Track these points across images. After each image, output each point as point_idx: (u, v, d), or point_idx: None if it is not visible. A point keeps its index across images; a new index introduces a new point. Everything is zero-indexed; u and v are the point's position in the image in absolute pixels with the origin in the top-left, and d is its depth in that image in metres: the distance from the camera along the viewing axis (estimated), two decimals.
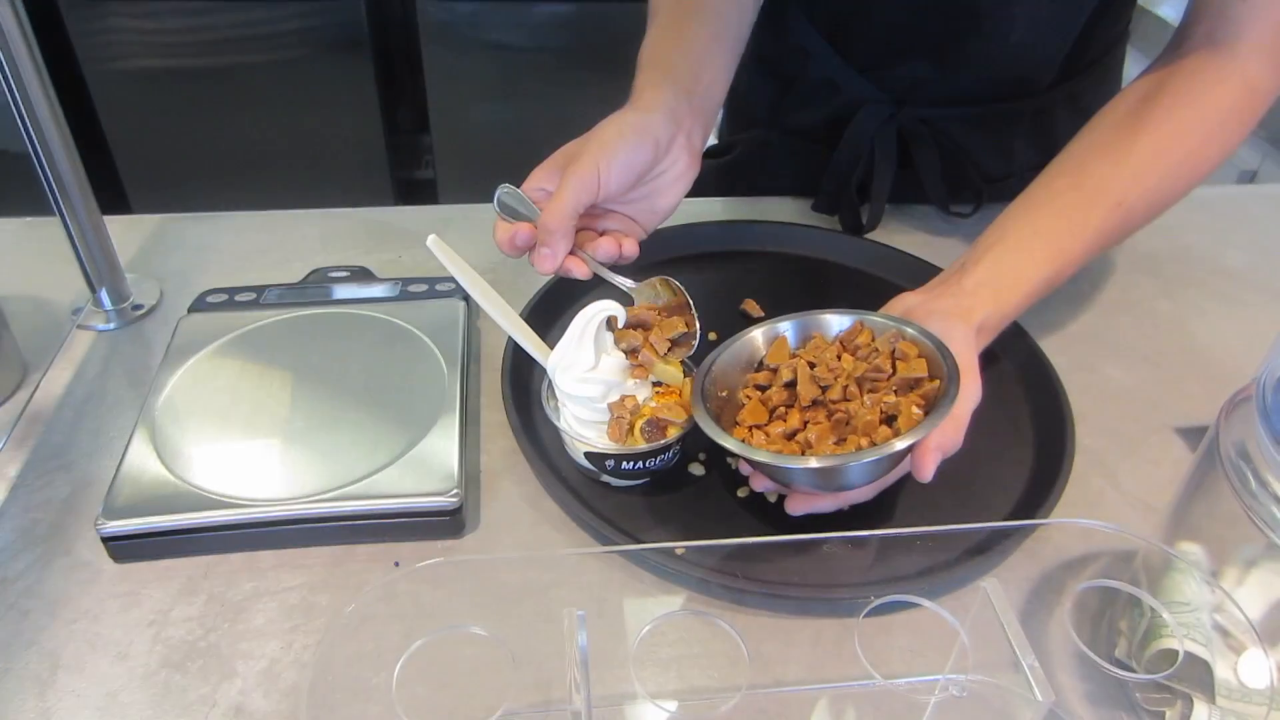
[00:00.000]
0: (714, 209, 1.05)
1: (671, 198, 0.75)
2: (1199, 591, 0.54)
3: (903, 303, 0.71)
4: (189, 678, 0.57)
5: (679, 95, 0.75)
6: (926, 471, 0.60)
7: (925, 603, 0.52)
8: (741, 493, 0.69)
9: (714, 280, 0.92)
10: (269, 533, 0.64)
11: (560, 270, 0.70)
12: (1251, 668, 0.51)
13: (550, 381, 0.67)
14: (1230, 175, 1.68)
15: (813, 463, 0.58)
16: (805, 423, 0.63)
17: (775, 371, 0.66)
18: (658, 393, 0.68)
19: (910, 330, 0.64)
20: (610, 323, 0.66)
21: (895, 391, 0.61)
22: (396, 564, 0.65)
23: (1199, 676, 0.52)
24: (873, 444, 0.58)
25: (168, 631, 0.59)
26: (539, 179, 0.71)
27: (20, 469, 0.70)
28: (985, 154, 1.01)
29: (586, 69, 2.25)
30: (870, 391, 0.62)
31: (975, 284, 0.70)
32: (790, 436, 0.63)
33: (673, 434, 0.66)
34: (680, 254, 0.94)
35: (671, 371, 0.69)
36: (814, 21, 0.98)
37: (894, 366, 0.63)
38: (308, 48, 2.18)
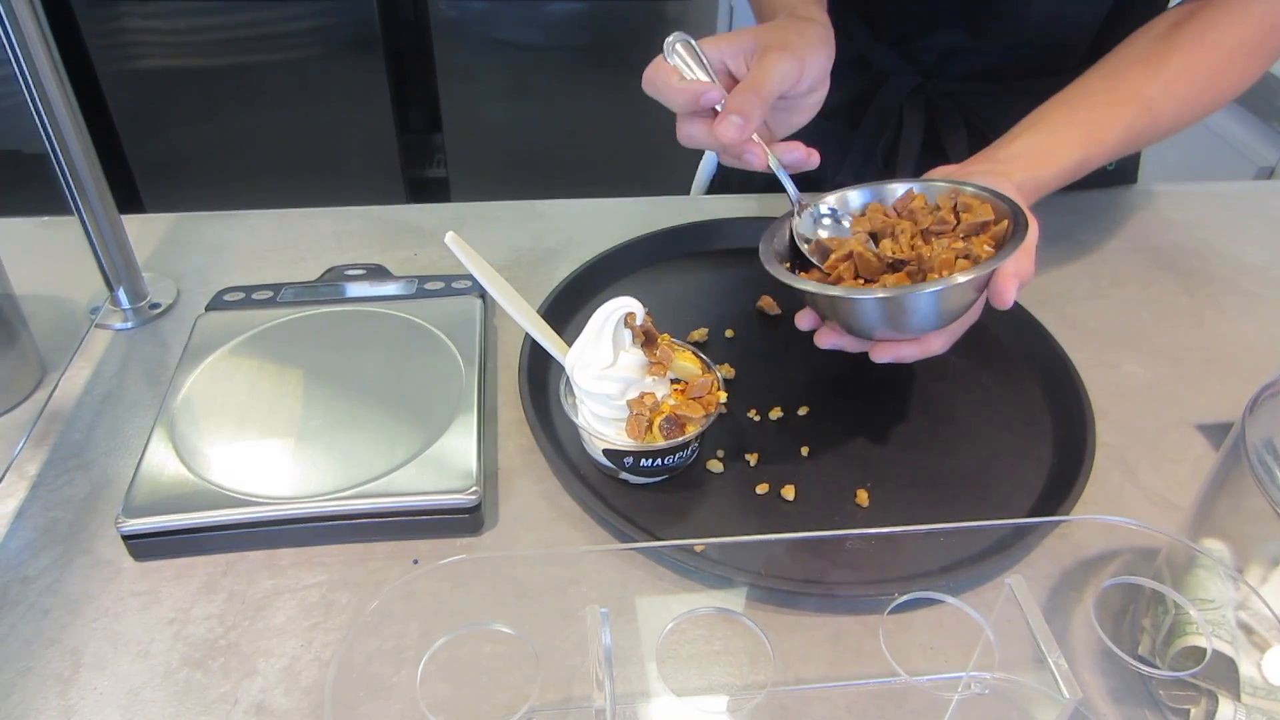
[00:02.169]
0: (733, 205, 1.04)
1: (807, 116, 0.75)
2: (1224, 588, 0.53)
3: (938, 172, 0.73)
4: (210, 676, 0.57)
5: (823, 12, 0.77)
6: (1008, 297, 0.63)
7: (950, 599, 0.52)
8: (760, 489, 0.69)
9: (730, 277, 0.92)
10: (288, 530, 0.64)
11: (737, 149, 0.67)
12: (1277, 665, 0.51)
13: (568, 378, 0.67)
14: (1249, 171, 1.67)
15: (882, 293, 0.61)
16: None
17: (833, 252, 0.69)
18: (676, 390, 0.68)
19: (968, 187, 0.68)
20: (628, 320, 0.66)
21: (963, 237, 0.65)
22: (415, 562, 0.64)
23: (1224, 674, 0.52)
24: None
25: (188, 629, 0.59)
26: (720, 48, 0.69)
27: (40, 468, 0.70)
28: None
29: (599, 67, 2.25)
30: (938, 238, 0.65)
31: (1010, 155, 0.74)
32: None
33: (691, 431, 0.65)
34: (696, 250, 0.94)
35: (690, 368, 0.68)
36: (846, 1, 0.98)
37: (958, 218, 0.66)
38: (320, 47, 2.19)
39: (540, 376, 0.77)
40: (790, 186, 0.71)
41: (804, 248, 0.70)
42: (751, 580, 0.61)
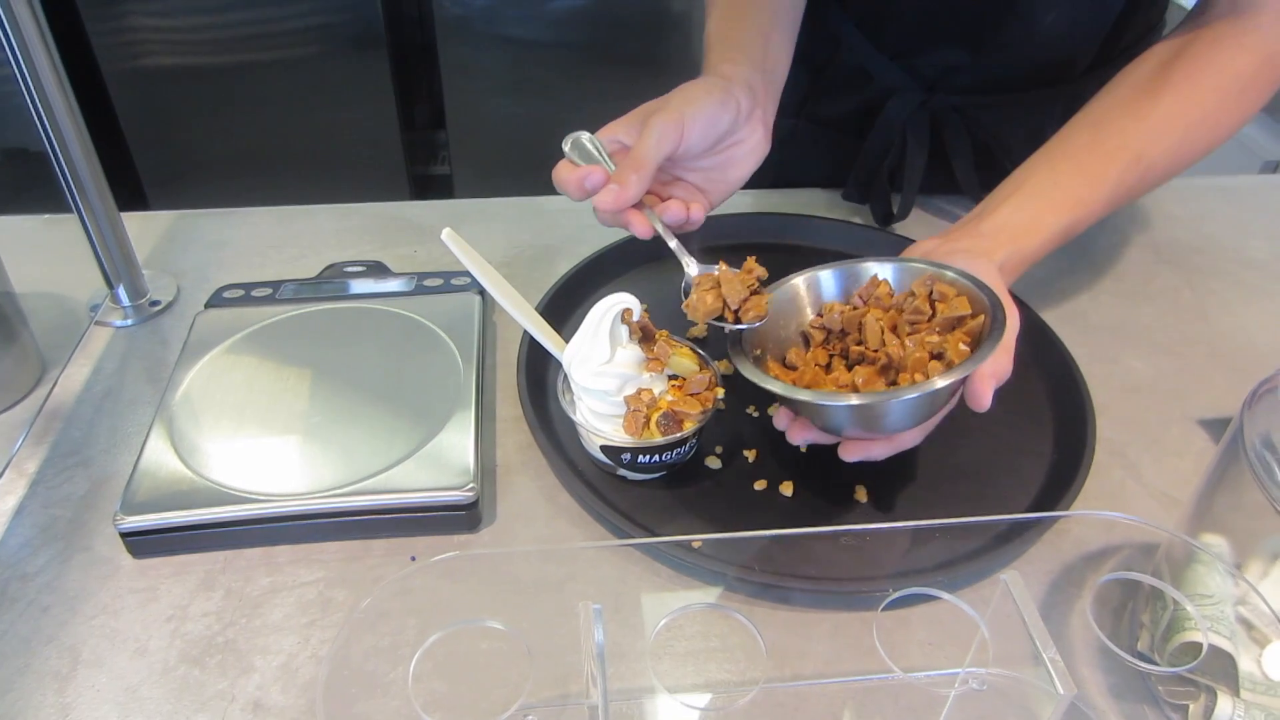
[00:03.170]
0: (740, 200, 1.04)
1: (743, 170, 0.76)
2: (1223, 584, 0.53)
3: (919, 248, 0.72)
4: (207, 673, 0.57)
5: (754, 70, 0.76)
6: (984, 400, 0.60)
7: (945, 595, 0.52)
8: (759, 485, 0.69)
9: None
10: (285, 527, 0.64)
11: (621, 221, 0.69)
12: (1276, 660, 0.50)
13: (566, 375, 0.67)
14: (1254, 165, 1.67)
15: (855, 399, 0.58)
16: (852, 367, 0.64)
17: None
18: (674, 386, 0.67)
19: (946, 272, 0.64)
20: (624, 316, 0.65)
21: (939, 332, 0.62)
22: (413, 559, 0.64)
23: (1223, 669, 0.52)
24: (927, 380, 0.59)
25: (186, 626, 0.60)
26: (615, 130, 0.72)
27: (39, 465, 0.70)
28: (1018, 142, 0.99)
29: (602, 63, 2.25)
30: (911, 334, 0.62)
31: (994, 228, 0.71)
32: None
33: (689, 427, 0.65)
34: (697, 245, 0.94)
35: (688, 364, 0.68)
36: (844, 8, 0.98)
37: (933, 307, 0.63)
38: (324, 44, 2.19)
39: (539, 373, 0.77)
40: (676, 246, 0.70)
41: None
42: (748, 576, 0.61)
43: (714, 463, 0.71)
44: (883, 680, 0.56)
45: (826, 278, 0.69)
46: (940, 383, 0.57)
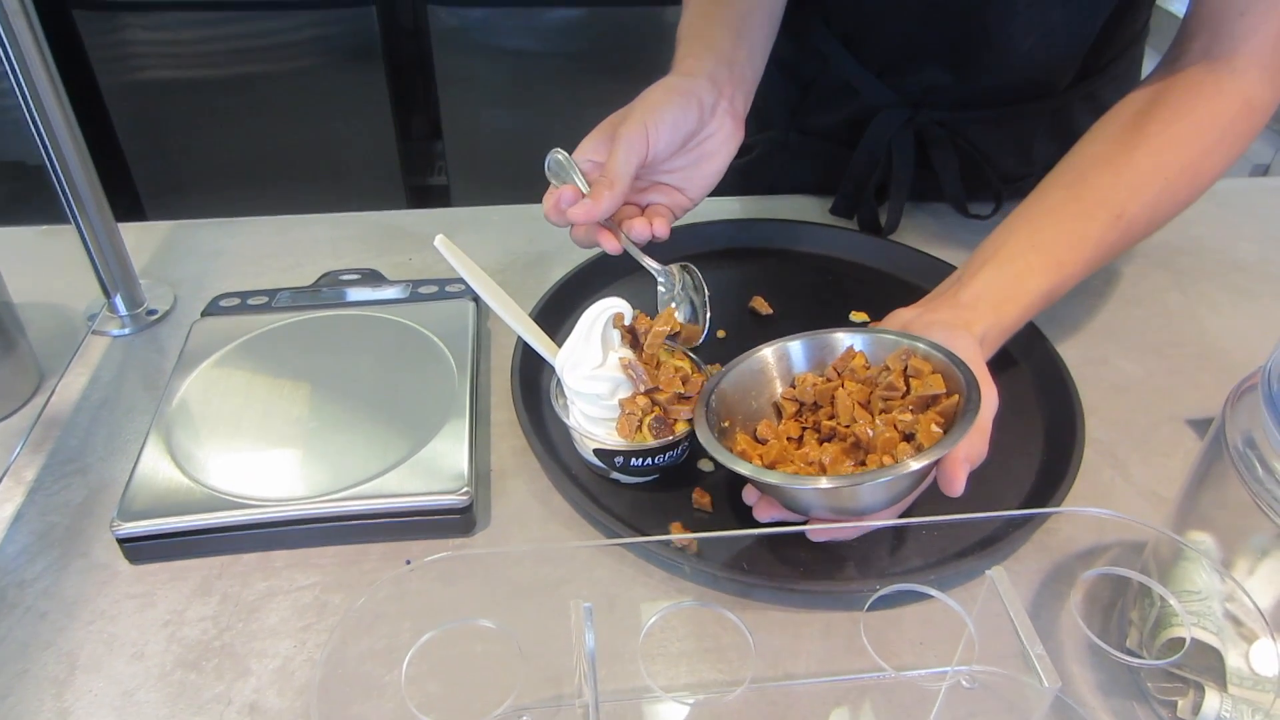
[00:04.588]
0: (732, 208, 1.05)
1: (718, 163, 0.77)
2: (1209, 580, 0.54)
3: (899, 318, 0.70)
4: (204, 677, 0.57)
5: (719, 63, 0.77)
6: (957, 485, 0.58)
7: (932, 591, 0.52)
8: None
9: (724, 277, 0.92)
10: (282, 532, 0.64)
11: (591, 240, 0.72)
12: (1263, 656, 0.51)
13: (559, 379, 0.68)
14: (1243, 169, 1.68)
15: (824, 483, 0.56)
16: (821, 443, 0.62)
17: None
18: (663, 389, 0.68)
19: (921, 345, 0.62)
20: (616, 320, 0.66)
21: (911, 410, 0.60)
22: (408, 563, 0.65)
23: (1210, 665, 0.52)
24: (896, 462, 0.57)
25: (183, 631, 0.60)
26: (587, 149, 0.73)
27: (37, 473, 0.71)
28: (1003, 154, 1.00)
29: (598, 73, 2.26)
30: (884, 412, 0.60)
31: (973, 297, 0.69)
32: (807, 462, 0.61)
33: (681, 430, 0.66)
34: (692, 251, 0.94)
35: (681, 368, 0.69)
36: (830, 26, 0.99)
37: (908, 383, 0.61)
38: (320, 57, 2.20)
39: (532, 378, 0.77)
40: (645, 260, 0.75)
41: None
42: (739, 576, 0.61)
43: (706, 465, 0.71)
44: (872, 679, 0.56)
45: (796, 349, 0.67)
46: (910, 466, 0.55)
